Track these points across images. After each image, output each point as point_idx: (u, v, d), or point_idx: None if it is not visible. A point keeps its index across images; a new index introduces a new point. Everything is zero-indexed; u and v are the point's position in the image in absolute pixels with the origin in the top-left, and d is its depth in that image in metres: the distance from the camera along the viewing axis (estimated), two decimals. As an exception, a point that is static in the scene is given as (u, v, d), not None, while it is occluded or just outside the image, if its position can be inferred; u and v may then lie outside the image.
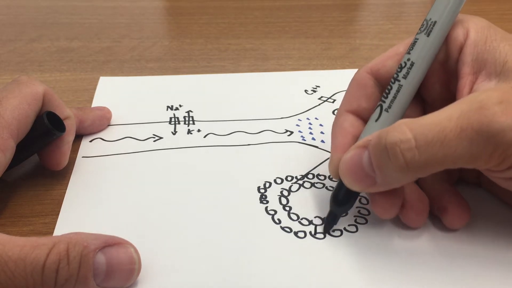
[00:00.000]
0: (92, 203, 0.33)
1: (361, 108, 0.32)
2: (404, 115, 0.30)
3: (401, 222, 0.31)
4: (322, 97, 0.44)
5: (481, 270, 0.28)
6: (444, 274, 0.28)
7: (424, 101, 0.32)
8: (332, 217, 0.31)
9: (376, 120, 0.30)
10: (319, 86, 0.46)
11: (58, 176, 0.35)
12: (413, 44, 0.30)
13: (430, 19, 0.30)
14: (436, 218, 0.31)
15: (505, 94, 0.25)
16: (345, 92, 0.33)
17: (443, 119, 0.25)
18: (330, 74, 0.48)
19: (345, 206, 0.30)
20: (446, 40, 0.30)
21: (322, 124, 0.41)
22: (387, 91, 0.30)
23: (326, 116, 0.42)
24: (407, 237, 0.31)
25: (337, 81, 0.47)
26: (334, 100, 0.44)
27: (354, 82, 0.32)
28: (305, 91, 0.45)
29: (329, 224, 0.31)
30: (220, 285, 0.28)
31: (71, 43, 0.54)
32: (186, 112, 0.42)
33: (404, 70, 0.29)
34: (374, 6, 0.67)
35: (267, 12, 0.63)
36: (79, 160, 0.37)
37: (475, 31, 0.29)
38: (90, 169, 0.36)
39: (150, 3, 0.66)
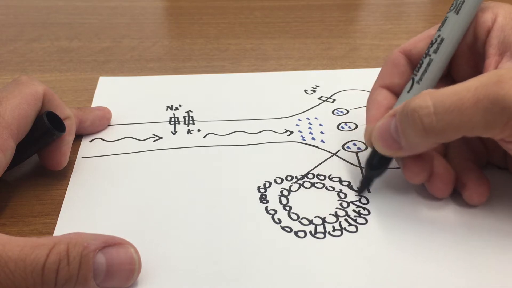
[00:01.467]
0: (92, 203, 0.33)
1: (394, 84, 0.34)
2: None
3: (401, 222, 0.31)
4: (322, 97, 0.44)
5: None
6: (446, 273, 0.28)
7: (454, 81, 0.34)
8: (367, 180, 0.34)
9: (408, 91, 0.32)
10: (319, 86, 0.46)
11: (58, 176, 0.35)
12: (444, 22, 0.32)
13: None
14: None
15: None
16: (379, 70, 0.35)
17: (462, 89, 0.27)
18: (330, 74, 0.48)
19: (379, 170, 0.33)
20: (475, 24, 0.32)
21: (322, 124, 0.41)
22: (419, 65, 0.32)
23: (325, 116, 0.42)
24: (407, 237, 0.31)
25: (337, 81, 0.47)
26: (334, 100, 0.44)
27: (388, 60, 0.35)
28: (305, 91, 0.45)
29: (363, 186, 0.34)
30: (220, 285, 0.28)
31: (71, 43, 0.54)
32: (186, 112, 0.42)
33: (435, 46, 0.32)
34: (374, 6, 0.67)
35: (267, 12, 0.63)
36: (79, 160, 0.37)
37: (503, 17, 0.31)
38: (90, 169, 0.36)
39: (150, 3, 0.66)
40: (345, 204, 0.33)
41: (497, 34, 0.31)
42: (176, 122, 0.41)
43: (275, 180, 0.35)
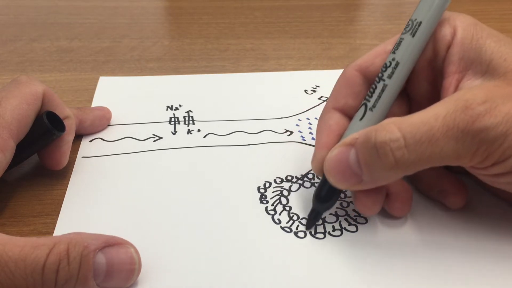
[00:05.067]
0: (92, 203, 0.33)
1: (348, 106, 0.32)
2: (389, 112, 0.30)
3: (401, 222, 0.31)
4: (322, 97, 0.44)
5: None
6: (447, 273, 0.28)
7: (410, 98, 0.33)
8: (314, 214, 0.31)
9: (361, 119, 0.30)
10: (318, 86, 0.46)
11: (58, 176, 0.35)
12: (398, 44, 0.30)
13: (416, 19, 0.30)
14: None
15: (489, 93, 0.26)
16: (332, 89, 0.33)
17: (430, 118, 0.26)
18: (330, 74, 0.48)
19: (328, 203, 0.31)
20: (434, 38, 0.30)
21: (322, 124, 0.41)
22: (371, 90, 0.30)
23: (326, 116, 0.42)
24: (407, 236, 0.31)
25: (337, 81, 0.47)
26: (334, 100, 0.44)
27: (342, 79, 0.33)
28: (305, 91, 0.45)
29: (311, 221, 0.31)
30: (220, 285, 0.28)
31: (71, 43, 0.54)
32: (186, 112, 0.42)
33: (389, 70, 0.30)
34: (374, 6, 0.67)
35: (267, 12, 0.63)
36: (79, 160, 0.37)
37: (462, 29, 0.29)
38: (90, 169, 0.36)
39: (150, 3, 0.66)
40: (345, 204, 0.33)
41: (457, 49, 0.29)
42: (176, 122, 0.41)
43: (275, 180, 0.35)
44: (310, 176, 0.35)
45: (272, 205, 0.33)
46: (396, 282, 0.28)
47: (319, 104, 0.43)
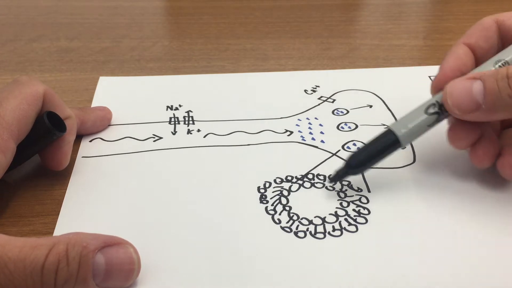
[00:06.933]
0: (92, 203, 0.33)
1: (478, 45, 0.34)
2: None
3: (401, 222, 0.31)
4: (322, 97, 0.44)
5: None
6: (446, 273, 0.28)
7: None
8: (343, 173, 0.33)
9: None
10: (319, 86, 0.46)
11: (58, 176, 0.35)
12: None
13: None
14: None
15: None
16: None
17: None
18: (330, 74, 0.48)
19: (360, 168, 0.33)
20: None
21: (322, 124, 0.41)
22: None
23: (325, 116, 0.42)
24: (407, 236, 0.31)
25: (337, 81, 0.47)
26: (334, 100, 0.44)
27: (479, 23, 0.35)
28: (305, 91, 0.45)
29: (337, 177, 0.33)
30: (220, 285, 0.28)
31: (71, 43, 0.54)
32: (186, 112, 0.42)
33: None
34: (374, 6, 0.67)
35: (267, 12, 0.63)
36: (79, 160, 0.37)
37: None
38: (90, 169, 0.36)
39: (150, 3, 0.66)
40: (345, 204, 0.33)
41: None
42: (176, 122, 0.41)
43: (275, 180, 0.35)
44: (310, 176, 0.35)
45: (272, 205, 0.33)
46: (396, 282, 0.28)
47: (319, 104, 0.43)
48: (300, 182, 0.35)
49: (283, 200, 0.33)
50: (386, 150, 0.32)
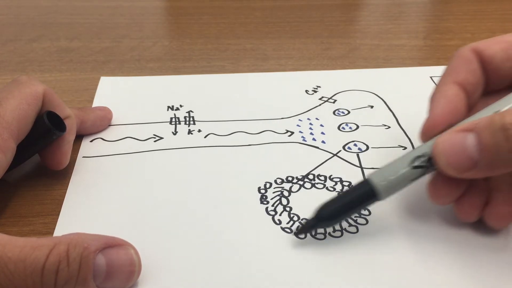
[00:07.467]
0: (93, 203, 0.33)
1: (467, 82, 0.31)
2: None
3: (401, 223, 0.31)
4: (323, 97, 0.44)
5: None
6: (446, 274, 0.28)
7: None
8: (311, 225, 0.30)
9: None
10: (319, 86, 0.46)
11: (59, 176, 0.35)
12: None
13: None
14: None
15: None
16: (446, 66, 0.32)
17: None
18: (330, 74, 0.48)
19: (331, 222, 0.29)
20: None
21: (323, 124, 0.41)
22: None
23: (326, 117, 0.42)
24: (408, 237, 0.30)
25: (338, 81, 0.47)
26: (335, 101, 0.44)
27: (458, 57, 0.32)
28: (306, 91, 0.45)
29: (304, 230, 0.30)
30: (220, 286, 0.28)
31: (71, 43, 0.54)
32: (186, 112, 0.42)
33: None
34: (374, 6, 0.67)
35: (267, 12, 0.63)
36: (79, 160, 0.37)
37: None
38: (91, 169, 0.36)
39: (150, 3, 0.66)
40: (345, 205, 0.33)
41: None
42: (177, 122, 0.41)
43: (275, 181, 0.35)
44: (310, 177, 0.35)
45: (273, 205, 0.33)
46: (397, 283, 0.28)
47: (320, 105, 0.43)
48: (301, 182, 0.35)
49: (284, 201, 0.33)
50: (362, 202, 0.29)
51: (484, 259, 0.29)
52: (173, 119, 0.41)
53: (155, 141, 0.39)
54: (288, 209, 0.33)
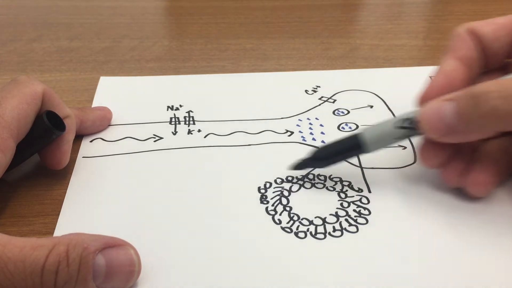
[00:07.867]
0: (93, 203, 0.33)
1: (466, 57, 0.34)
2: None
3: (402, 222, 0.31)
4: (322, 97, 0.44)
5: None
6: (447, 273, 0.28)
7: None
8: (304, 163, 0.34)
9: None
10: (319, 86, 0.46)
11: (59, 176, 0.35)
12: None
13: None
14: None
15: None
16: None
17: None
18: (330, 74, 0.48)
19: (323, 162, 0.34)
20: None
21: (323, 124, 0.41)
22: None
23: (326, 116, 0.42)
24: (408, 237, 0.30)
25: (338, 81, 0.47)
26: (335, 100, 0.44)
27: (457, 35, 0.35)
28: (306, 91, 0.45)
29: (299, 166, 0.34)
30: (220, 285, 0.28)
31: (71, 43, 0.54)
32: (186, 112, 0.42)
33: None
34: (374, 6, 0.67)
35: (267, 12, 0.63)
36: (79, 160, 0.37)
37: None
38: (91, 169, 0.36)
39: (150, 3, 0.66)
40: (345, 204, 0.33)
41: None
42: (177, 122, 0.41)
43: (275, 181, 0.35)
44: (310, 176, 0.35)
45: (273, 205, 0.33)
46: (397, 283, 0.28)
47: (319, 104, 0.43)
48: (301, 182, 0.35)
49: (284, 201, 0.33)
50: (351, 150, 0.33)
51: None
52: (173, 119, 0.41)
53: (155, 141, 0.39)
54: (288, 208, 0.33)
